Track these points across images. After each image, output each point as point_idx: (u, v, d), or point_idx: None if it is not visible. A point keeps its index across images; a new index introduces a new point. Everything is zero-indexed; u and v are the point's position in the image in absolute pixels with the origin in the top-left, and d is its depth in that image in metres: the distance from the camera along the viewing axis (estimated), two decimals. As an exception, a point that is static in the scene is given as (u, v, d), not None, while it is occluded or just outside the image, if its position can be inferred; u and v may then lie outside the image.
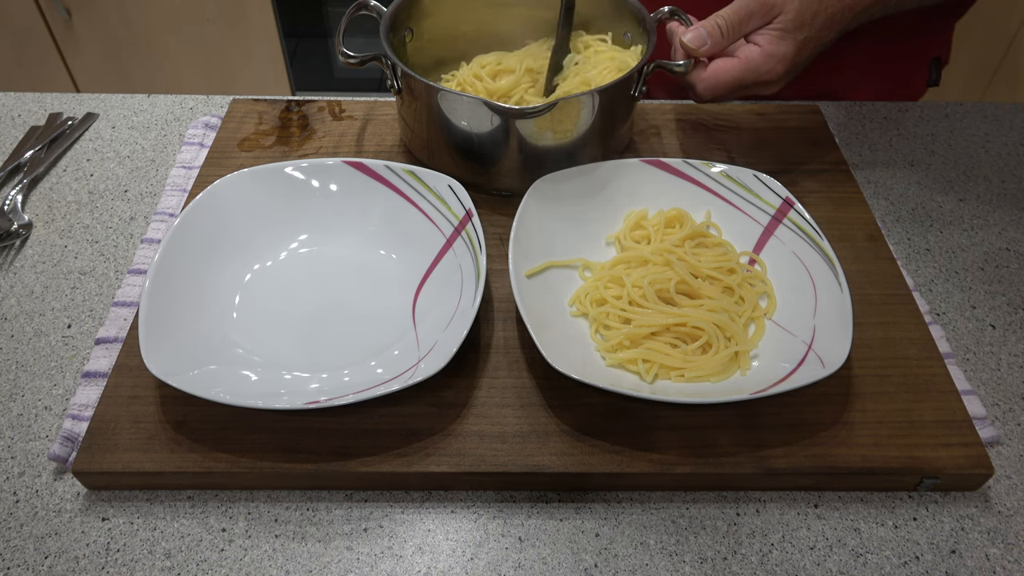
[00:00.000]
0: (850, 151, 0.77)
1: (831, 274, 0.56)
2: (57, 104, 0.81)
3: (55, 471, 0.52)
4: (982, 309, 0.63)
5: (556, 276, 0.59)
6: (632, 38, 0.71)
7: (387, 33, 0.67)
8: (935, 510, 0.51)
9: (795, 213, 0.61)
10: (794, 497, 0.51)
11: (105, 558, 0.47)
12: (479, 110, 0.62)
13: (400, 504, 0.50)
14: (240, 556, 0.48)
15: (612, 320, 0.56)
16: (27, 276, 0.64)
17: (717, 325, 0.55)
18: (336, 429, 0.51)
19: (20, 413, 0.55)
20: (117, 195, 0.71)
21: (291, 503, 0.50)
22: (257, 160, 0.71)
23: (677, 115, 0.77)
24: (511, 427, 0.52)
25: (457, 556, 0.48)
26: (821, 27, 0.63)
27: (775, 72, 0.64)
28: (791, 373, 0.51)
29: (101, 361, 0.56)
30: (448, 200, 0.61)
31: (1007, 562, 0.48)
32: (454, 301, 0.56)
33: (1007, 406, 0.56)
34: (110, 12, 1.77)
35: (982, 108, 0.83)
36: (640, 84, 0.66)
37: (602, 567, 0.48)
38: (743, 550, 0.49)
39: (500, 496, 0.51)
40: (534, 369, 0.55)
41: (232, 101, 0.78)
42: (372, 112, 0.77)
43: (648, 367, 0.53)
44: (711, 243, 0.62)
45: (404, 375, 0.51)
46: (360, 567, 0.47)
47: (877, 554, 0.48)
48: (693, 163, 0.65)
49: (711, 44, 0.63)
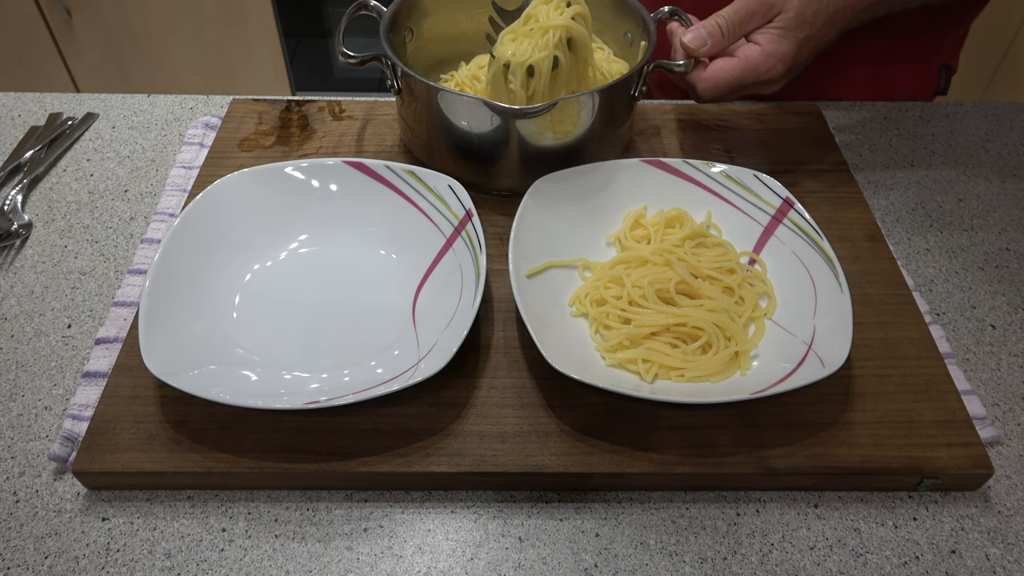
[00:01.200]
0: (850, 151, 0.77)
1: (831, 274, 0.56)
2: (57, 104, 0.81)
3: (55, 471, 0.52)
4: (982, 309, 0.63)
5: (556, 276, 0.59)
6: (632, 38, 0.71)
7: (387, 33, 0.67)
8: (935, 510, 0.51)
9: (795, 213, 0.61)
10: (794, 497, 0.51)
11: (105, 558, 0.47)
12: (479, 110, 0.62)
13: (400, 504, 0.50)
14: (240, 556, 0.48)
15: (612, 320, 0.56)
16: (27, 276, 0.64)
17: (717, 325, 0.55)
18: (336, 429, 0.51)
19: (20, 413, 0.55)
20: (117, 195, 0.71)
21: (291, 503, 0.50)
22: (257, 160, 0.71)
23: (677, 115, 0.77)
24: (511, 427, 0.52)
25: (457, 556, 0.48)
26: (823, 26, 0.63)
27: (776, 71, 0.64)
28: (791, 373, 0.51)
29: (101, 361, 0.56)
30: (448, 200, 0.61)
31: (1007, 562, 0.48)
32: (454, 301, 0.56)
33: (1007, 406, 0.56)
34: (110, 12, 1.77)
35: (982, 108, 0.83)
36: (640, 84, 0.66)
37: (602, 567, 0.48)
38: (743, 550, 0.49)
39: (500, 496, 0.51)
40: (534, 369, 0.55)
41: (232, 101, 0.78)
42: (372, 112, 0.77)
43: (648, 367, 0.53)
44: (711, 243, 0.62)
45: (404, 375, 0.51)
46: (360, 567, 0.47)
47: (877, 554, 0.48)
48: (693, 163, 0.65)
49: (711, 44, 0.63)
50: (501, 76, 0.64)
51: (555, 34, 0.61)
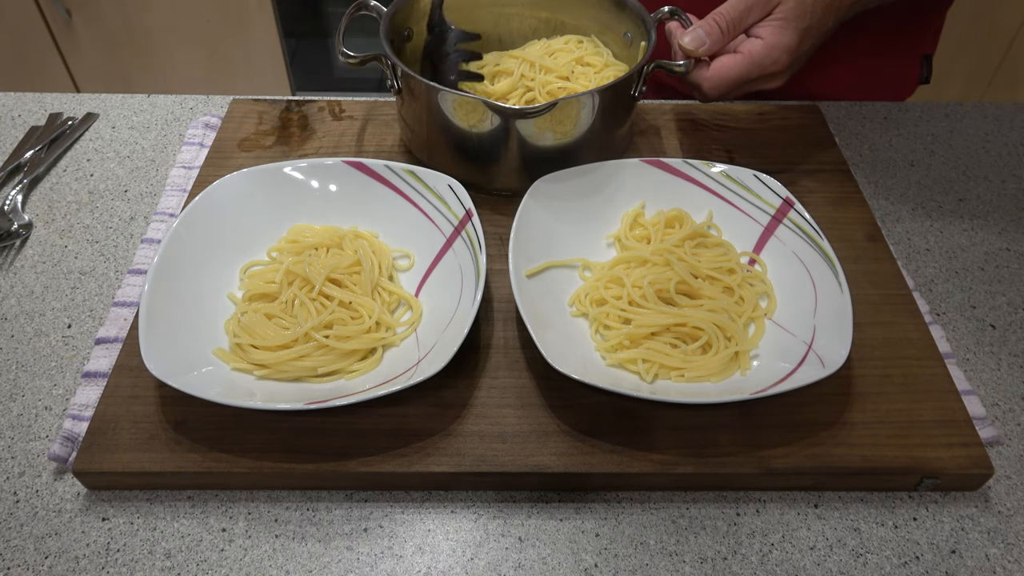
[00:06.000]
0: (850, 151, 0.77)
1: (831, 274, 0.56)
2: (57, 104, 0.81)
3: (55, 471, 0.51)
4: (982, 309, 0.63)
5: (556, 276, 0.59)
6: (632, 38, 0.71)
7: (387, 33, 0.67)
8: (935, 510, 0.51)
9: (795, 213, 0.61)
10: (794, 497, 0.51)
11: (105, 558, 0.47)
12: (479, 110, 0.62)
13: (400, 504, 0.50)
14: (240, 556, 0.48)
15: (612, 320, 0.56)
16: (27, 276, 0.64)
17: (717, 325, 0.55)
18: (336, 429, 0.51)
19: (20, 413, 0.55)
20: (117, 195, 0.71)
21: (291, 503, 0.50)
22: (257, 160, 0.71)
23: (677, 115, 0.77)
24: (511, 427, 0.52)
25: (457, 556, 0.48)
26: (822, 15, 0.63)
27: (780, 63, 0.63)
28: (791, 373, 0.51)
29: (101, 361, 0.56)
30: (448, 200, 0.61)
31: (1007, 562, 0.48)
32: (454, 301, 0.56)
33: (1007, 406, 0.56)
34: (110, 12, 1.77)
35: (982, 108, 0.83)
36: (640, 84, 0.66)
37: (602, 567, 0.48)
38: (743, 550, 0.49)
39: (500, 496, 0.51)
40: (534, 369, 0.55)
41: (232, 101, 0.78)
42: (372, 112, 0.77)
43: (648, 367, 0.53)
44: (711, 243, 0.62)
45: (404, 375, 0.51)
46: (360, 567, 0.47)
47: (877, 554, 0.48)
48: (693, 163, 0.65)
49: (710, 43, 0.63)
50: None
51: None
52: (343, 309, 0.56)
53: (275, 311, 0.56)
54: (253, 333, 0.54)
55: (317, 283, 0.56)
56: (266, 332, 0.54)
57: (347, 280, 0.58)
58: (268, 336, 0.54)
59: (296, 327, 0.54)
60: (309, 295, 0.56)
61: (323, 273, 0.57)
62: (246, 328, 0.54)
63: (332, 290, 0.57)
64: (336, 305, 0.56)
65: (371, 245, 0.61)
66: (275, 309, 0.56)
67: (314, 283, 0.56)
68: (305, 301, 0.56)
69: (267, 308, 0.56)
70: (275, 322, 0.55)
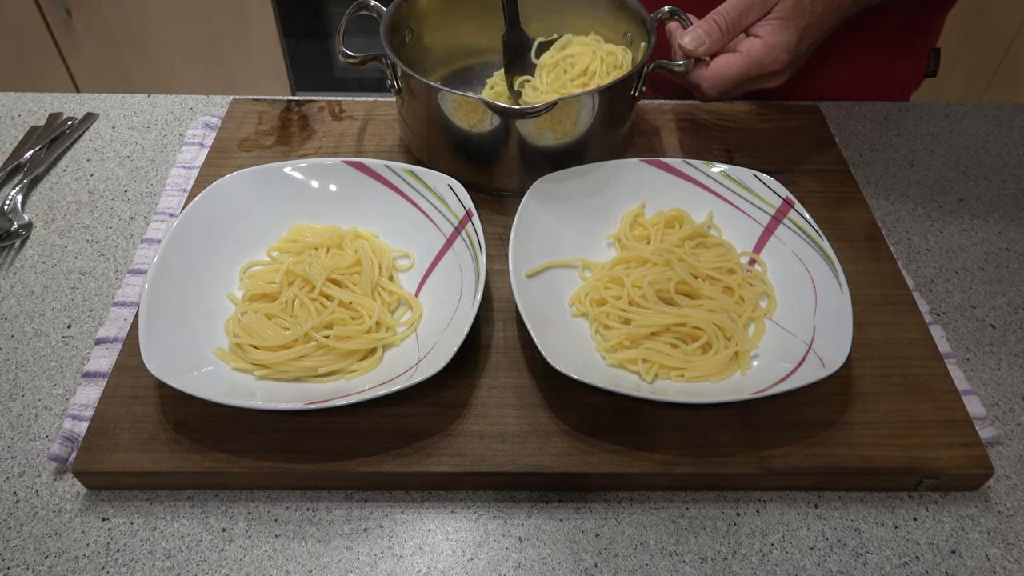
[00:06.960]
0: (850, 151, 0.77)
1: (831, 274, 0.56)
2: (57, 104, 0.81)
3: (55, 471, 0.52)
4: (982, 309, 0.63)
5: (556, 276, 0.59)
6: (632, 38, 0.71)
7: (387, 33, 0.67)
8: (935, 510, 0.51)
9: (795, 213, 0.61)
10: (794, 497, 0.51)
11: (105, 558, 0.47)
12: (479, 110, 0.62)
13: (400, 504, 0.50)
14: (240, 556, 0.48)
15: (612, 320, 0.56)
16: (27, 276, 0.64)
17: (717, 325, 0.55)
18: (336, 429, 0.51)
19: (20, 413, 0.55)
20: (117, 195, 0.71)
21: (291, 503, 0.50)
22: (257, 160, 0.71)
23: (677, 115, 0.77)
24: (511, 427, 0.52)
25: (457, 556, 0.48)
26: (822, 13, 0.63)
27: (780, 62, 0.63)
28: (791, 373, 0.51)
29: (101, 361, 0.56)
30: (448, 200, 0.61)
31: (1007, 562, 0.48)
32: (454, 301, 0.56)
33: (1007, 406, 0.56)
34: (110, 12, 1.77)
35: (982, 108, 0.83)
36: (640, 84, 0.66)
37: (602, 567, 0.48)
38: (743, 550, 0.49)
39: (500, 496, 0.51)
40: (534, 369, 0.55)
41: (232, 101, 0.78)
42: (372, 112, 0.77)
43: (648, 367, 0.53)
44: (711, 243, 0.62)
45: (404, 375, 0.51)
46: (360, 567, 0.47)
47: (877, 554, 0.48)
48: (693, 163, 0.65)
49: (710, 43, 0.63)
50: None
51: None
52: (343, 309, 0.56)
53: (275, 311, 0.56)
54: (253, 333, 0.54)
55: (317, 283, 0.56)
56: (266, 332, 0.54)
57: (347, 280, 0.58)
58: (268, 336, 0.54)
59: (296, 327, 0.54)
60: (309, 295, 0.56)
61: (323, 273, 0.57)
62: (246, 328, 0.54)
63: (332, 290, 0.57)
64: (336, 305, 0.56)
65: (371, 245, 0.61)
66: (275, 309, 0.56)
67: (314, 283, 0.56)
68: (305, 301, 0.56)
69: (267, 308, 0.56)
70: (275, 322, 0.55)
